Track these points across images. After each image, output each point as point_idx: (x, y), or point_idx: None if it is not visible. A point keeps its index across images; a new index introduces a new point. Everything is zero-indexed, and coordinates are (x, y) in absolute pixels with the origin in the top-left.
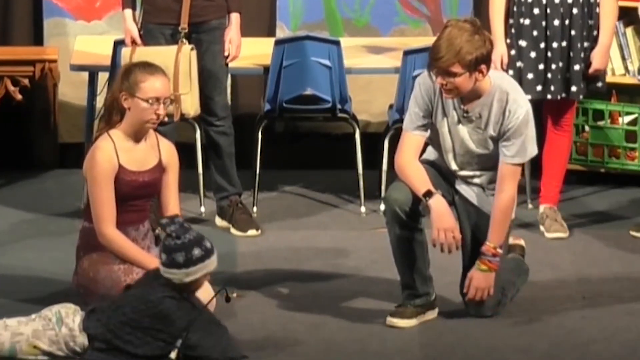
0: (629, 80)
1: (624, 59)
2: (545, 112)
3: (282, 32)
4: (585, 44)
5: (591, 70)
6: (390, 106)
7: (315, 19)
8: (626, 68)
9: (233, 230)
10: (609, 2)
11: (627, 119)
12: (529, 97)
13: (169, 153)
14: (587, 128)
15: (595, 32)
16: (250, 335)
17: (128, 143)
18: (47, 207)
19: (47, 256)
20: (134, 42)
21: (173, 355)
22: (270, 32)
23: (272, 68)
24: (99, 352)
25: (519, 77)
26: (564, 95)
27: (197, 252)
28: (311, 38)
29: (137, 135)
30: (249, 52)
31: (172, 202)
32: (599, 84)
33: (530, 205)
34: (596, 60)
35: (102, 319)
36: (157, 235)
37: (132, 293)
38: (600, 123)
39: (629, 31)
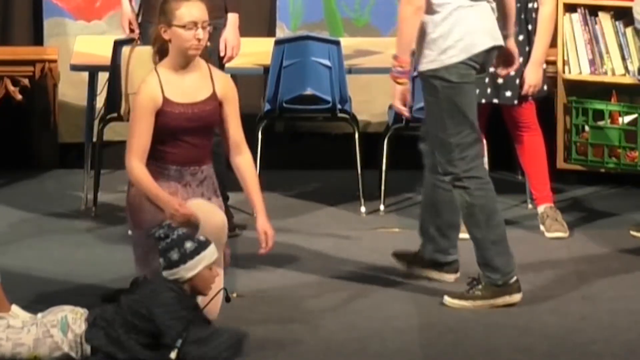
0: (629, 80)
1: (624, 59)
2: (504, 116)
3: (282, 32)
4: (527, 49)
5: (525, 87)
6: (390, 106)
7: (315, 19)
8: (626, 68)
9: None
10: (546, 18)
11: (627, 119)
12: None
13: (223, 84)
14: (587, 128)
15: (534, 37)
16: (250, 335)
17: (175, 75)
18: (47, 207)
19: (47, 256)
20: (132, 31)
21: (173, 355)
22: (270, 32)
23: (272, 68)
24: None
25: None
26: (495, 100)
27: (189, 245)
28: (311, 38)
29: (184, 66)
30: (249, 52)
31: (235, 132)
32: (544, 88)
33: (530, 205)
34: (529, 77)
35: (106, 329)
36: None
37: (135, 296)
38: (600, 123)
39: (629, 31)
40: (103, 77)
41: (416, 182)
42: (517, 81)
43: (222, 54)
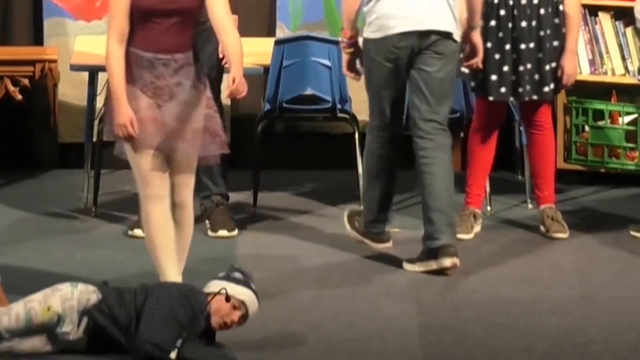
0: (629, 80)
1: (624, 59)
2: (522, 114)
3: (282, 32)
4: (555, 43)
5: (565, 78)
6: None
7: (315, 19)
8: (626, 68)
9: (209, 232)
10: (573, 8)
11: (627, 119)
12: (492, 98)
13: None
14: (587, 128)
15: (563, 30)
16: (250, 335)
17: None
18: (47, 207)
19: (47, 256)
20: None
21: (173, 355)
22: (270, 32)
23: (272, 68)
24: (99, 314)
25: (484, 79)
26: (535, 97)
27: (237, 274)
28: (311, 38)
29: None
30: (249, 52)
31: (217, 11)
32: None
33: (530, 206)
34: (567, 66)
35: (122, 291)
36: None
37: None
38: (600, 123)
39: (629, 31)
40: (103, 77)
41: (416, 182)
42: (548, 76)
43: (221, 56)
